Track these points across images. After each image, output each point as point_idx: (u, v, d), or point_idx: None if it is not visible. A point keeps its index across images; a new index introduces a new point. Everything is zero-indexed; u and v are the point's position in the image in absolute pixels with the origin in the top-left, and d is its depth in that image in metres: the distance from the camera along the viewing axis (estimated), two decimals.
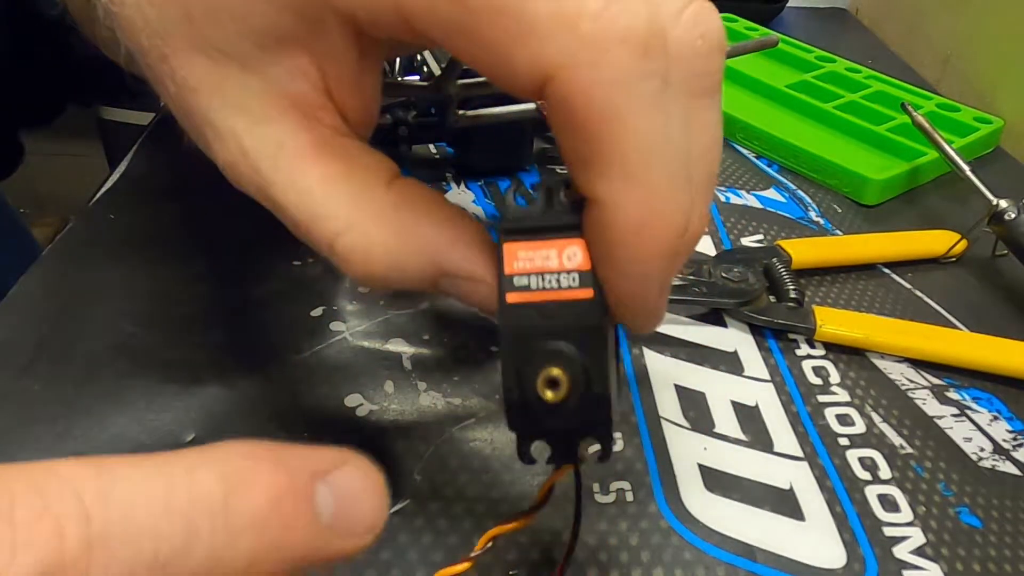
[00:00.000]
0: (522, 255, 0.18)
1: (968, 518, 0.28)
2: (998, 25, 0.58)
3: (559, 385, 0.18)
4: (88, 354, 0.31)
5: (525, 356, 0.18)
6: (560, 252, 0.18)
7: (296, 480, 0.15)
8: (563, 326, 0.18)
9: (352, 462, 0.16)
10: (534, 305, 0.18)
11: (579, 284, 0.18)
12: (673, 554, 0.26)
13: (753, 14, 0.68)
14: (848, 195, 0.47)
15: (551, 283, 0.18)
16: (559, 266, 0.18)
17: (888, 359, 0.35)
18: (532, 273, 0.18)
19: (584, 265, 0.18)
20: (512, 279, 0.18)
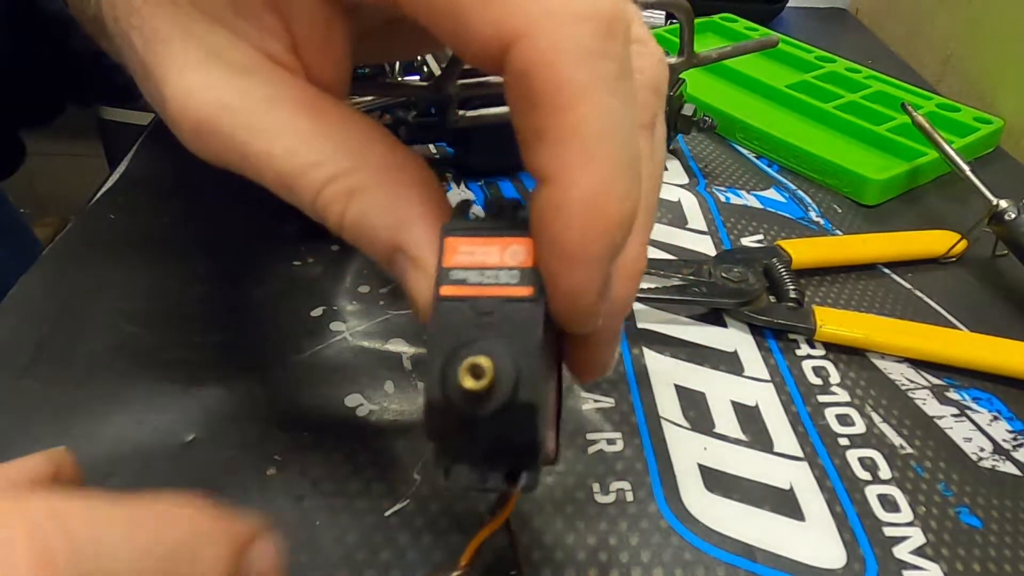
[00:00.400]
0: (463, 249, 0.17)
1: (968, 518, 0.28)
2: (998, 25, 0.58)
3: (482, 374, 0.16)
4: (88, 354, 0.31)
5: (451, 351, 0.17)
6: (503, 249, 0.17)
7: (238, 542, 0.17)
8: (496, 322, 0.17)
9: (267, 534, 0.18)
10: (468, 300, 0.17)
11: (519, 282, 0.17)
12: (673, 554, 0.26)
13: (753, 14, 0.68)
14: (848, 195, 0.47)
15: (490, 279, 0.17)
16: (499, 262, 0.17)
17: (888, 359, 0.35)
18: (471, 268, 0.17)
19: (526, 262, 0.17)
20: (449, 272, 0.17)
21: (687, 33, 0.36)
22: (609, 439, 0.29)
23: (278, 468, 0.27)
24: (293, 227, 0.39)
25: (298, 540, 0.25)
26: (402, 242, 0.18)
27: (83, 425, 0.28)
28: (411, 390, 0.31)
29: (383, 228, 0.18)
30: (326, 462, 0.28)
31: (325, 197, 0.18)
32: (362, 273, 0.36)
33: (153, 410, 0.29)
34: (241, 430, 0.29)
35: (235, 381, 0.31)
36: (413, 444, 0.29)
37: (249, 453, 0.28)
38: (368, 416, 0.30)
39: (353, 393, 0.31)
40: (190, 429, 0.28)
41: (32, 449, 0.27)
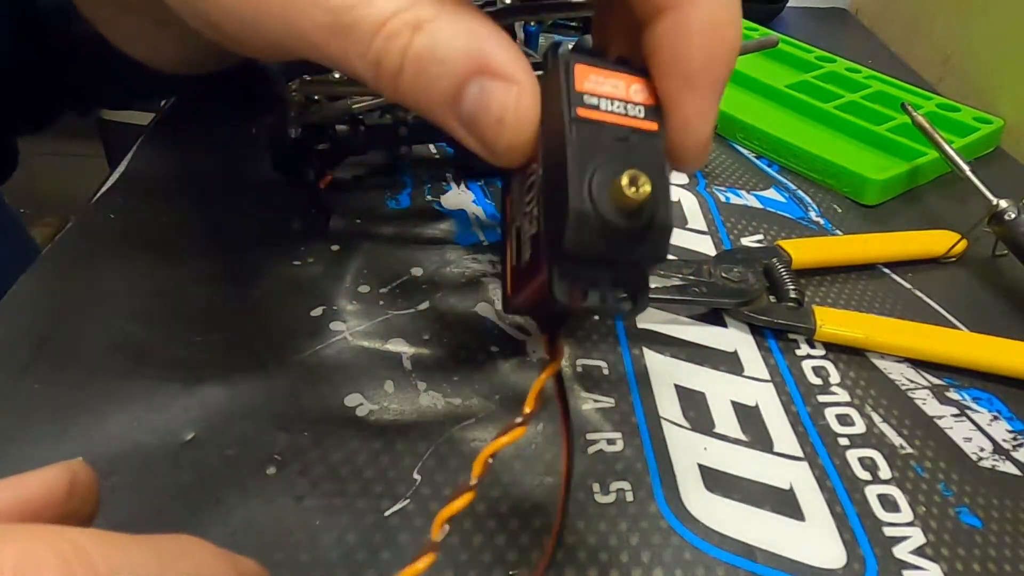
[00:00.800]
0: (593, 77, 0.18)
1: (968, 518, 0.28)
2: (998, 25, 0.58)
3: (642, 186, 0.16)
4: (88, 353, 0.31)
5: (599, 166, 0.17)
6: (628, 84, 0.18)
7: None
8: (633, 148, 0.17)
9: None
10: (605, 125, 0.17)
11: (645, 116, 0.18)
12: (673, 554, 0.26)
13: (753, 14, 0.68)
14: (848, 195, 0.47)
15: (619, 109, 0.18)
16: (626, 96, 0.18)
17: (888, 359, 0.35)
18: (602, 96, 0.17)
19: (649, 100, 0.18)
20: (583, 96, 0.17)
21: None
22: (609, 439, 0.29)
23: (278, 468, 0.27)
24: (293, 227, 0.39)
25: (298, 540, 0.25)
26: (487, 63, 0.17)
27: (83, 424, 0.28)
28: (411, 390, 0.31)
29: (460, 52, 0.17)
30: (326, 462, 0.28)
31: (388, 30, 0.17)
32: (362, 273, 0.36)
33: (153, 409, 0.29)
34: (241, 430, 0.29)
35: (235, 381, 0.31)
36: (413, 444, 0.29)
37: (249, 453, 0.28)
38: (368, 416, 0.30)
39: (353, 393, 0.31)
40: (190, 428, 0.28)
41: (32, 449, 0.27)
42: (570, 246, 0.17)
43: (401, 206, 0.42)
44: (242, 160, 0.45)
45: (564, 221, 0.17)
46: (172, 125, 0.49)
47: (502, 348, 0.33)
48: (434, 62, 0.17)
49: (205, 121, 0.49)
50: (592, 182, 0.17)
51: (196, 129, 0.48)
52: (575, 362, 0.33)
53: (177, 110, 0.51)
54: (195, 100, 0.53)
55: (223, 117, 0.49)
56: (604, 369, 0.33)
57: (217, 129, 0.48)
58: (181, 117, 0.50)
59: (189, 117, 0.50)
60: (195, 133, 0.48)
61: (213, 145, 0.47)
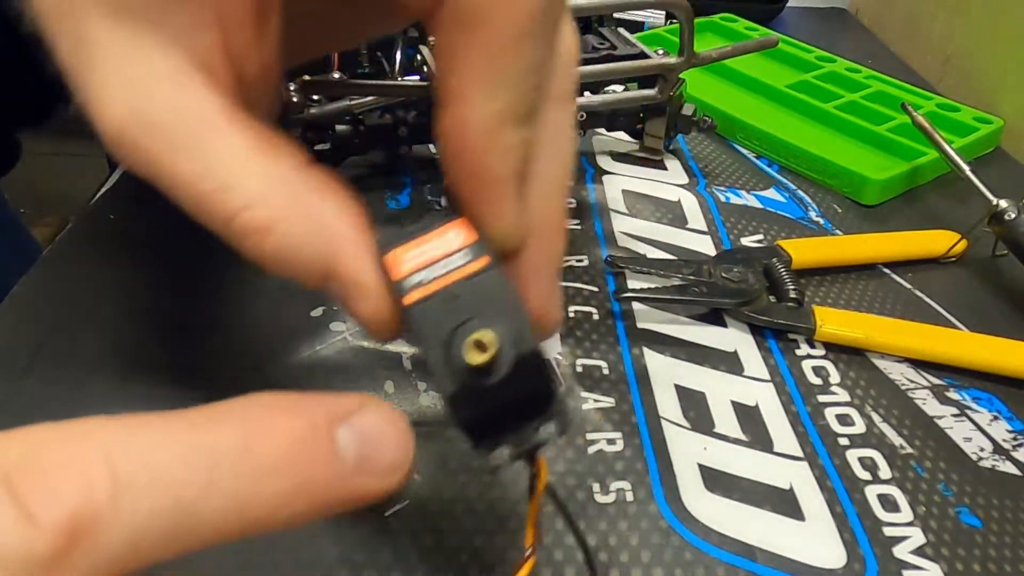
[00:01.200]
0: (406, 256, 0.18)
1: (968, 518, 0.28)
2: (998, 25, 0.58)
3: (486, 345, 0.17)
4: (88, 354, 0.31)
5: (444, 344, 0.17)
6: (442, 238, 0.18)
7: (315, 425, 0.15)
8: (469, 300, 0.17)
9: (372, 405, 0.16)
10: (434, 295, 0.17)
11: (472, 258, 0.18)
12: (673, 554, 0.26)
13: (753, 14, 0.68)
14: (848, 195, 0.47)
15: (443, 269, 0.18)
16: (446, 251, 0.18)
17: (888, 359, 0.35)
18: (422, 268, 0.18)
19: (469, 238, 0.18)
20: (403, 282, 0.18)
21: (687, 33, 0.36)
22: (609, 439, 0.29)
23: None
24: None
25: (298, 540, 0.25)
26: (335, 270, 0.18)
27: None
28: (411, 390, 0.31)
29: (308, 257, 0.18)
30: None
31: (238, 226, 0.18)
32: None
33: (153, 410, 0.29)
34: None
35: (235, 381, 0.31)
36: None
37: None
38: None
39: None
40: None
41: None
42: (463, 425, 0.18)
43: (401, 206, 0.42)
44: None
45: (446, 407, 0.17)
46: None
47: None
48: (290, 260, 0.18)
49: None
50: (447, 360, 0.17)
51: None
52: (575, 362, 0.33)
53: None
54: None
55: None
56: (604, 369, 0.33)
57: None
58: None
59: None
60: None
61: None
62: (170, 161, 0.18)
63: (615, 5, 0.36)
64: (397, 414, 0.17)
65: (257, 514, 0.15)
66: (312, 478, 0.15)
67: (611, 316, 0.36)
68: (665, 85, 0.38)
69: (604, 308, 0.36)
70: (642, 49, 0.43)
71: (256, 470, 0.15)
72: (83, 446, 0.14)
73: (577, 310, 0.36)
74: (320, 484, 0.15)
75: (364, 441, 0.16)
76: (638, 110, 0.45)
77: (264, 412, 0.15)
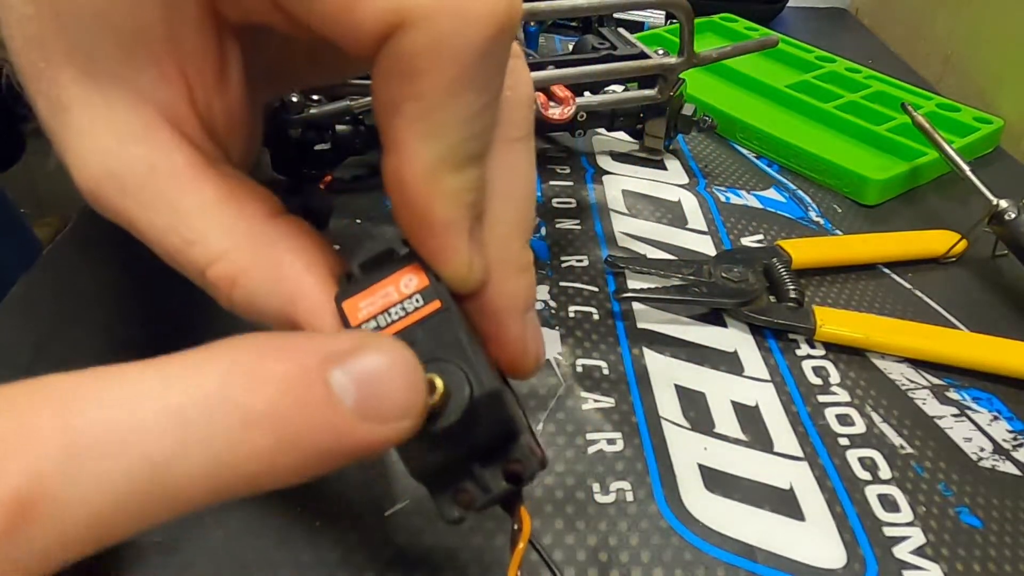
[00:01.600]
0: (363, 304, 0.18)
1: (968, 518, 0.28)
2: (998, 25, 0.58)
3: (435, 388, 0.16)
4: (88, 354, 0.31)
5: None
6: (396, 284, 0.18)
7: (306, 368, 0.14)
8: (422, 344, 0.17)
9: (374, 342, 0.15)
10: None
11: (424, 302, 0.18)
12: (673, 554, 0.26)
13: (753, 14, 0.68)
14: (848, 195, 0.47)
15: (397, 314, 0.18)
16: (399, 296, 0.18)
17: (888, 359, 0.35)
18: (376, 315, 0.18)
19: (422, 283, 0.18)
20: (360, 328, 0.17)
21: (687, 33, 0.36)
22: (609, 439, 0.30)
23: None
24: None
25: (298, 540, 0.25)
26: (296, 319, 0.18)
27: None
28: None
29: (272, 308, 0.18)
30: None
31: (208, 279, 0.18)
32: None
33: None
34: None
35: None
36: None
37: None
38: None
39: None
40: None
41: None
42: (417, 474, 0.17)
43: None
44: None
45: (399, 455, 0.17)
46: None
47: None
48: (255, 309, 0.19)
49: None
50: None
51: None
52: (575, 362, 0.33)
53: None
54: None
55: None
56: (604, 369, 0.33)
57: None
58: None
59: None
60: None
61: None
62: (141, 217, 0.18)
63: (615, 5, 0.36)
64: (405, 351, 0.15)
65: (243, 472, 0.13)
66: (305, 428, 0.14)
67: (611, 316, 0.36)
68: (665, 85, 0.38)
69: (604, 308, 0.36)
70: (642, 49, 0.43)
71: (239, 423, 0.13)
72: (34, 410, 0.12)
73: (577, 310, 0.36)
74: (315, 435, 0.14)
75: (365, 383, 0.14)
76: (638, 110, 0.45)
77: (249, 357, 0.14)
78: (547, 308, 0.36)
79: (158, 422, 0.13)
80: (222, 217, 0.18)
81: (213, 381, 0.13)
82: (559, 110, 0.33)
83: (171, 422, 0.13)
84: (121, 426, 0.13)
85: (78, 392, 0.13)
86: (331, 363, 0.14)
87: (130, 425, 0.13)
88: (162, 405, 0.13)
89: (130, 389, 0.13)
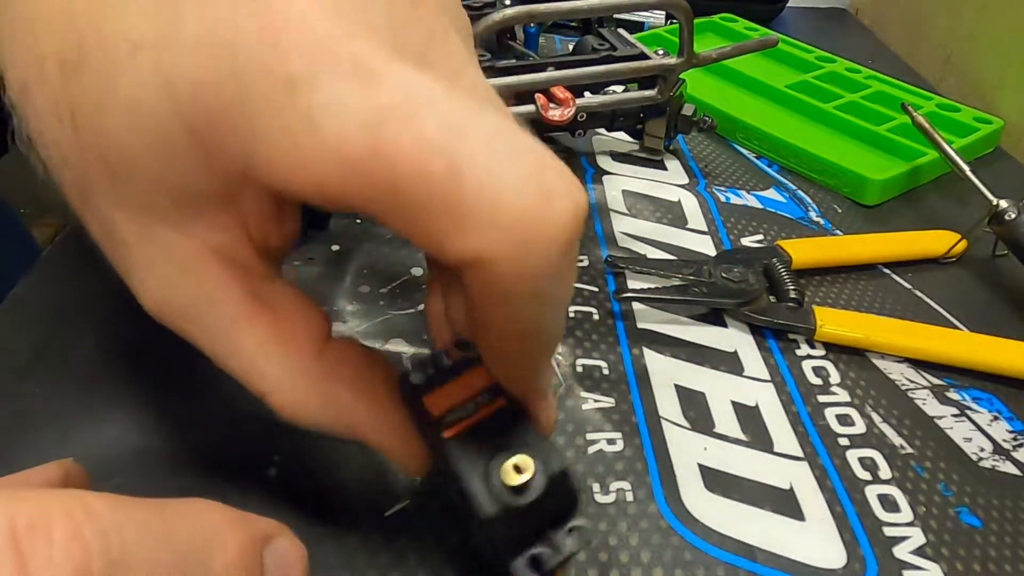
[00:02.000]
0: (441, 398, 0.21)
1: (968, 518, 0.28)
2: (998, 25, 0.58)
3: (526, 467, 0.19)
4: (87, 356, 0.31)
5: (483, 470, 0.20)
6: (469, 380, 0.21)
7: (254, 539, 0.17)
8: (500, 431, 0.20)
9: (287, 533, 0.19)
10: (468, 430, 0.20)
11: (492, 398, 0.21)
12: (673, 554, 0.26)
13: (753, 14, 0.68)
14: (848, 195, 0.47)
15: (471, 408, 0.21)
16: (471, 392, 0.21)
17: (888, 359, 0.35)
18: (455, 408, 0.21)
19: (487, 382, 0.21)
20: (443, 418, 0.20)
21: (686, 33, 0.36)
22: (609, 439, 0.30)
23: (278, 468, 0.27)
24: None
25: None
26: (361, 438, 0.22)
27: (83, 427, 0.28)
28: None
29: (337, 432, 0.21)
30: (326, 462, 0.28)
31: (267, 402, 0.20)
32: (362, 273, 0.36)
33: (153, 411, 0.29)
34: (241, 430, 0.29)
35: (236, 381, 0.31)
36: None
37: (249, 455, 0.28)
38: None
39: None
40: (190, 430, 0.28)
41: (31, 452, 0.27)
42: (503, 542, 0.20)
43: None
44: None
45: (481, 528, 0.19)
46: None
47: None
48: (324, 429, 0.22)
49: None
50: (487, 484, 0.19)
51: None
52: (575, 362, 0.33)
53: None
54: None
55: None
56: (604, 369, 0.33)
57: None
58: None
59: None
60: None
61: None
62: (203, 342, 0.20)
63: (615, 6, 0.36)
64: (302, 548, 0.19)
65: None
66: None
67: (611, 316, 0.36)
68: (665, 86, 0.38)
69: (604, 308, 0.36)
70: (642, 50, 0.43)
71: (213, 569, 0.16)
72: (85, 520, 0.14)
73: (577, 310, 0.36)
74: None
75: (281, 563, 0.18)
76: (638, 110, 0.45)
77: (217, 519, 0.17)
78: None
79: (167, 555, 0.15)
80: (277, 354, 0.20)
81: (197, 535, 0.16)
82: (559, 111, 0.33)
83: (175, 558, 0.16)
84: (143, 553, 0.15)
85: (116, 514, 0.15)
86: (266, 541, 0.18)
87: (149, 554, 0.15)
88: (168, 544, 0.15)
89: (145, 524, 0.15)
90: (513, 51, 0.45)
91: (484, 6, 0.45)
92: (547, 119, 0.33)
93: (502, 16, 0.31)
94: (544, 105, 0.33)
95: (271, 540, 0.18)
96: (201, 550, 0.16)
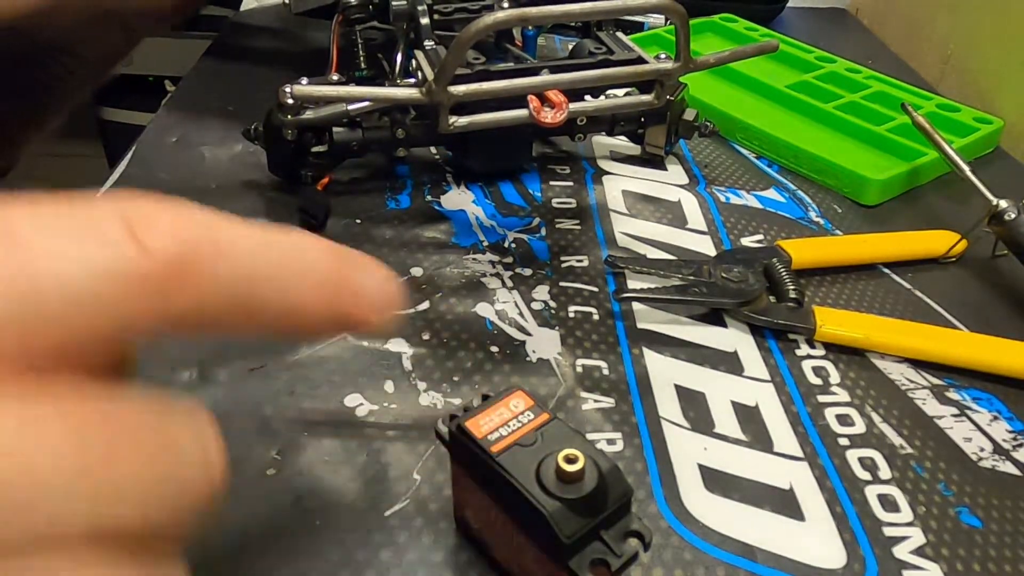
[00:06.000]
0: (482, 422, 0.22)
1: (968, 518, 0.28)
2: (998, 25, 0.58)
3: (575, 458, 0.21)
4: None
5: (535, 473, 0.21)
6: (507, 405, 0.23)
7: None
8: (547, 440, 0.22)
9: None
10: (514, 444, 0.22)
11: (535, 415, 0.23)
12: (673, 554, 0.26)
13: (753, 14, 0.68)
14: (848, 195, 0.47)
15: (514, 426, 0.22)
16: (512, 413, 0.23)
17: (888, 359, 0.35)
18: (498, 427, 0.22)
19: (529, 403, 0.23)
20: (487, 439, 0.22)
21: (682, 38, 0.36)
22: (609, 439, 0.30)
23: (278, 468, 0.27)
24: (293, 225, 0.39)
25: (298, 540, 0.25)
26: None
27: None
28: (411, 390, 0.31)
29: None
30: (326, 462, 0.28)
31: None
32: None
33: None
34: (241, 430, 0.29)
35: (235, 381, 0.31)
36: (413, 444, 0.29)
37: (249, 453, 0.28)
38: (368, 416, 0.30)
39: (353, 393, 0.31)
40: None
41: None
42: (567, 537, 0.20)
43: (401, 207, 0.42)
44: (240, 161, 0.45)
45: (548, 526, 0.20)
46: (170, 125, 0.49)
47: (502, 348, 0.33)
48: None
49: (204, 121, 0.49)
50: (541, 485, 0.21)
51: (194, 129, 0.48)
52: (575, 362, 0.33)
53: (175, 110, 0.51)
54: (193, 100, 0.53)
55: (222, 117, 0.49)
56: (604, 369, 0.33)
57: (215, 129, 0.48)
58: (180, 117, 0.50)
59: (187, 117, 0.50)
60: (193, 133, 0.48)
61: (212, 145, 0.47)
62: None
63: (609, 11, 0.35)
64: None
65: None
66: None
67: (611, 316, 0.36)
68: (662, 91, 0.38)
69: (604, 308, 0.36)
70: (639, 54, 0.42)
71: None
72: (189, 211, 0.15)
73: (577, 310, 0.36)
74: None
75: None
76: (639, 115, 0.45)
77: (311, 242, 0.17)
78: (547, 308, 0.36)
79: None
80: None
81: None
82: (552, 114, 0.33)
83: None
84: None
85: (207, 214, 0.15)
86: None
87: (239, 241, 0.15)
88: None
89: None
90: (511, 54, 0.45)
91: (481, 8, 0.45)
92: (540, 121, 0.33)
93: (493, 19, 0.30)
94: (537, 108, 0.33)
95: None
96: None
